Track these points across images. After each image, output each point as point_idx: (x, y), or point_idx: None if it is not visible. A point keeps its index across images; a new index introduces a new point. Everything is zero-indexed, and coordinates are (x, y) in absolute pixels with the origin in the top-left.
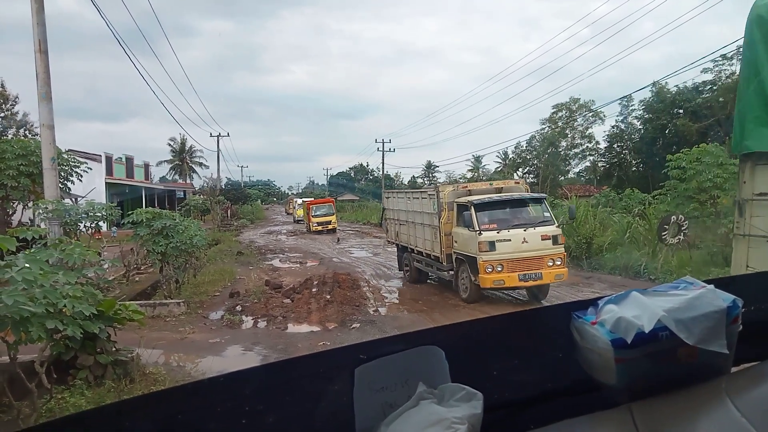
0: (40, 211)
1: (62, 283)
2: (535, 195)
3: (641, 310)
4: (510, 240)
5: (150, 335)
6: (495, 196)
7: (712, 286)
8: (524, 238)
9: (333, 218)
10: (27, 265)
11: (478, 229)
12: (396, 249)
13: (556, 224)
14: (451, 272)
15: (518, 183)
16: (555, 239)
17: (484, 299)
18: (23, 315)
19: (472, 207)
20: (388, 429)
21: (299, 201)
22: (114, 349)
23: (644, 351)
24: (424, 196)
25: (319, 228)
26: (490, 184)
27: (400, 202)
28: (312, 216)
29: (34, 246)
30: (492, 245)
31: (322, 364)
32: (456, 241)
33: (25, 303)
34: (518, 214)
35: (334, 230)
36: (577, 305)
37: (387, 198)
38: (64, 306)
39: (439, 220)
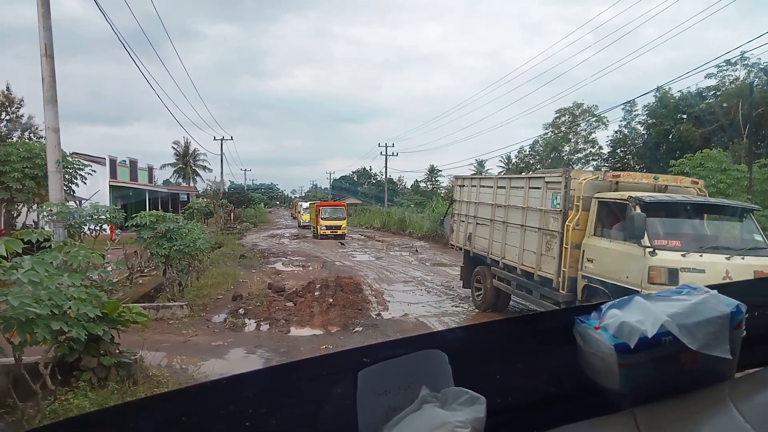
0: (45, 213)
1: (67, 285)
2: (742, 204)
3: (644, 315)
4: (704, 271)
5: (153, 337)
6: (680, 197)
7: (715, 291)
8: (727, 271)
9: (343, 223)
10: (33, 267)
11: (649, 244)
12: (464, 258)
13: None
14: None
15: (696, 183)
16: None
17: None
18: (29, 316)
19: (639, 207)
20: None
21: (305, 205)
22: (117, 351)
23: (647, 356)
24: (537, 184)
25: (328, 232)
26: (655, 178)
27: (487, 193)
28: (321, 218)
29: (39, 248)
30: (673, 275)
31: (326, 367)
32: (591, 259)
33: (31, 304)
34: (717, 231)
35: (343, 236)
36: (580, 310)
37: (461, 186)
38: (69, 308)
39: (564, 222)
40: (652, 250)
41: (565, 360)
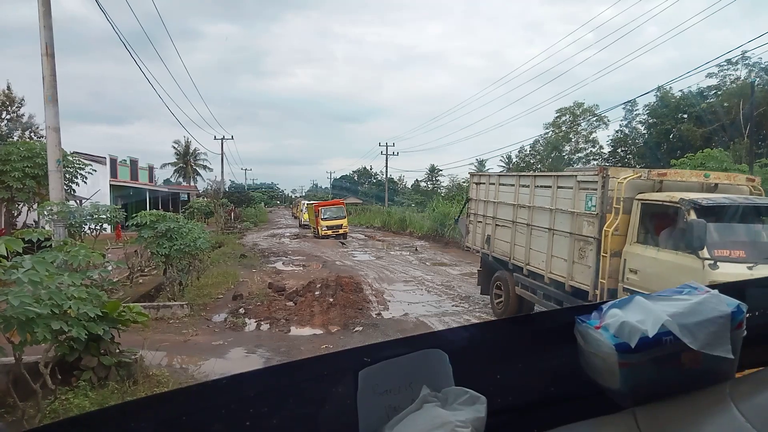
0: (45, 212)
1: (67, 284)
2: None
3: (645, 314)
4: None
5: (153, 337)
6: (740, 198)
7: (716, 291)
8: None
9: (344, 222)
10: (33, 266)
11: (708, 255)
12: (481, 262)
13: None
14: None
15: (752, 181)
16: None
17: None
18: (29, 316)
19: (695, 212)
20: None
21: (306, 204)
22: (118, 350)
23: (648, 356)
24: (567, 183)
25: (329, 232)
26: (705, 176)
27: (508, 192)
28: (321, 219)
29: (39, 248)
30: None
31: (327, 366)
32: (634, 269)
33: (31, 304)
34: None
35: (344, 235)
36: (580, 309)
37: (478, 184)
38: (69, 307)
39: (602, 227)
40: (713, 262)
41: (565, 360)
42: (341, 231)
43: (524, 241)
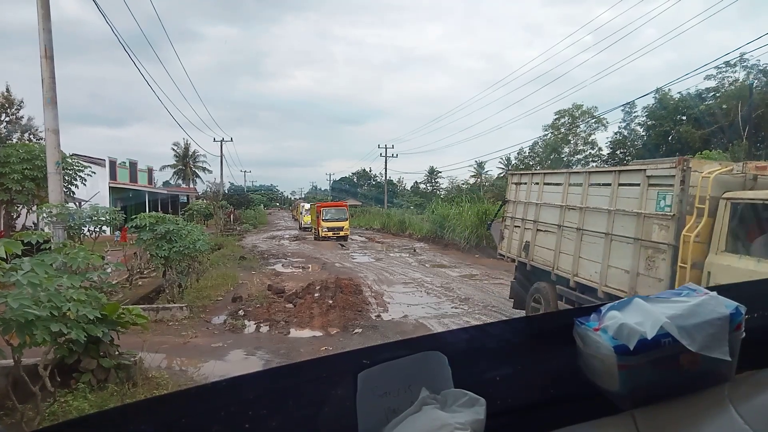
0: (44, 215)
1: (66, 286)
2: None
3: (644, 316)
4: None
5: (153, 339)
6: None
7: (714, 293)
8: None
9: (345, 224)
10: (32, 268)
11: None
12: (517, 271)
13: None
14: None
15: None
16: None
17: None
18: (28, 318)
19: None
20: None
21: (307, 206)
22: (117, 352)
23: (647, 358)
24: (633, 179)
25: (329, 234)
26: None
27: (554, 192)
28: (322, 220)
29: (38, 250)
30: None
31: (326, 368)
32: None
33: (30, 306)
34: None
35: (345, 238)
36: (579, 311)
37: (518, 184)
38: (68, 309)
39: (679, 232)
40: None
41: (564, 362)
42: (342, 233)
43: (572, 249)
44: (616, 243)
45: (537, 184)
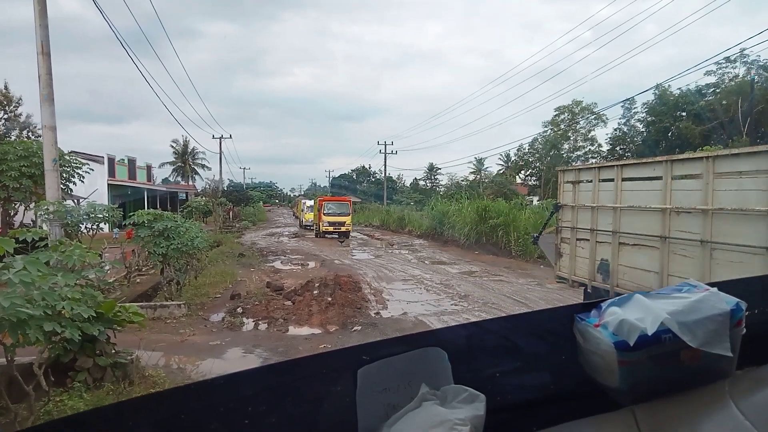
0: (42, 212)
1: (61, 285)
2: None
3: (644, 312)
4: None
5: (150, 337)
6: None
7: (715, 289)
8: None
9: (348, 219)
10: (24, 267)
11: None
12: (585, 299)
13: None
14: None
15: None
16: None
17: None
18: (21, 317)
19: None
20: (390, 430)
21: (309, 203)
22: (113, 351)
23: (647, 353)
24: (764, 165)
25: (331, 229)
26: None
27: (642, 189)
28: (324, 214)
29: (34, 248)
30: None
31: (325, 365)
32: None
33: (23, 305)
34: None
35: (347, 234)
36: (580, 307)
37: (575, 183)
38: (63, 308)
39: None
40: None
41: (564, 358)
42: (343, 229)
43: (695, 269)
44: (745, 255)
45: (610, 181)
